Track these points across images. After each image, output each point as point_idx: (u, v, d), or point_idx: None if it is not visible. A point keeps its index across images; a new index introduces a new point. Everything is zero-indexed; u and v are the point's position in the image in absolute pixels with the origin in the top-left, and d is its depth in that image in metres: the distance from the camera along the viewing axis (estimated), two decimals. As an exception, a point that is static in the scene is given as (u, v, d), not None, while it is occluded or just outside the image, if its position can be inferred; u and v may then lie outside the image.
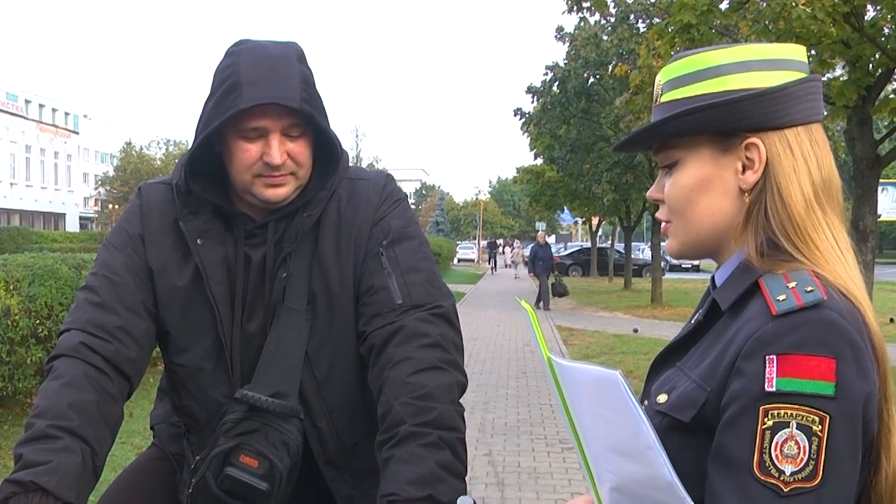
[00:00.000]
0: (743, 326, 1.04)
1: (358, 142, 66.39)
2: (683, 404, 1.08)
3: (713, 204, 1.15)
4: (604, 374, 1.01)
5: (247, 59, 1.56)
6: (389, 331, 1.59)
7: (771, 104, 1.10)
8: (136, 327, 1.63)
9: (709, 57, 1.14)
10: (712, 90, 1.13)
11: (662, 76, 1.19)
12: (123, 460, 5.33)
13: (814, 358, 0.96)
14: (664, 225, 1.23)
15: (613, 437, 1.03)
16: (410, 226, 1.73)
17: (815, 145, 1.12)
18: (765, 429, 0.97)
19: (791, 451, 0.95)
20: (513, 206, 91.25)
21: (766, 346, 0.99)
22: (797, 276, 1.04)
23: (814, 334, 0.97)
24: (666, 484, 0.98)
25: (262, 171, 1.59)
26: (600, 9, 12.94)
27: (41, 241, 32.69)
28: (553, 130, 21.83)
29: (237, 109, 1.52)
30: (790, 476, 0.95)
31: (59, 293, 6.58)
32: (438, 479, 1.40)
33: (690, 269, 41.19)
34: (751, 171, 1.12)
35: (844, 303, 1.02)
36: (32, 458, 1.39)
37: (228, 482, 1.60)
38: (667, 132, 1.17)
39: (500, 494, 5.26)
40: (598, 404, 1.04)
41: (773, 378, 0.97)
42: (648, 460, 0.99)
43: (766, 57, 1.12)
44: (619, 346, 12.46)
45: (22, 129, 52.50)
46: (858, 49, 7.99)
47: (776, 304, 1.01)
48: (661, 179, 1.22)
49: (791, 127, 1.11)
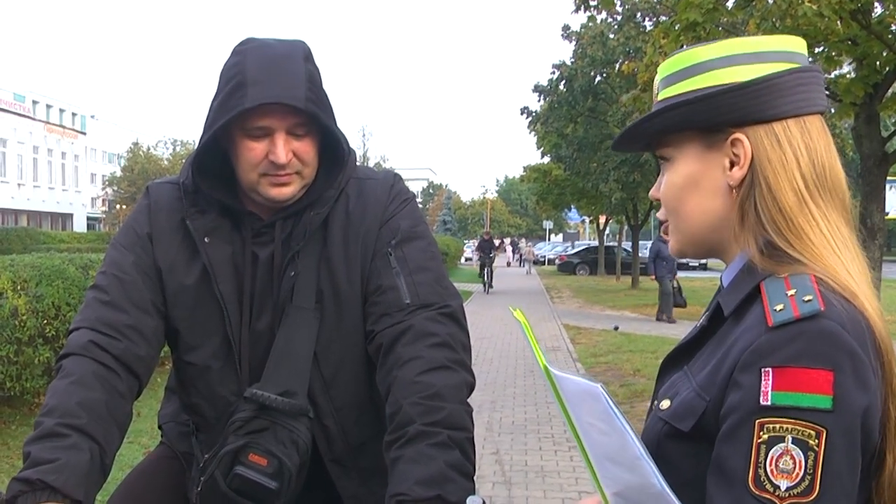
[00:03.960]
0: (742, 335, 1.02)
1: (365, 141, 66.35)
2: (683, 413, 1.07)
3: (703, 202, 1.14)
4: (586, 386, 1.01)
5: (252, 58, 1.56)
6: (398, 330, 1.59)
7: (753, 96, 1.08)
8: (146, 325, 1.63)
9: (697, 53, 1.13)
10: (699, 86, 1.11)
11: (659, 74, 1.19)
12: (131, 460, 5.34)
13: (810, 371, 0.94)
14: (664, 224, 1.22)
15: (606, 446, 1.04)
16: (419, 225, 1.73)
17: (807, 137, 1.08)
18: (760, 443, 0.95)
19: (787, 465, 0.94)
20: (520, 204, 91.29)
21: (761, 359, 0.97)
22: (798, 281, 1.01)
23: (810, 346, 0.95)
24: (657, 492, 0.98)
25: (267, 170, 1.59)
26: (607, 7, 12.88)
27: (49, 242, 32.80)
28: (560, 129, 21.83)
29: (241, 108, 1.52)
30: (785, 491, 0.93)
31: (67, 293, 6.59)
32: (447, 479, 1.40)
33: (697, 267, 41.10)
34: (737, 167, 1.10)
35: (846, 308, 0.99)
36: (40, 456, 1.40)
37: (238, 481, 1.60)
38: (651, 129, 1.16)
39: (507, 493, 5.26)
40: (589, 414, 1.04)
41: (768, 391, 0.95)
42: (638, 470, 0.99)
43: (751, 50, 1.11)
44: (626, 344, 12.43)
45: (29, 129, 52.72)
46: (866, 46, 7.95)
47: (773, 315, 0.98)
48: (660, 178, 1.21)
49: (779, 120, 1.08)
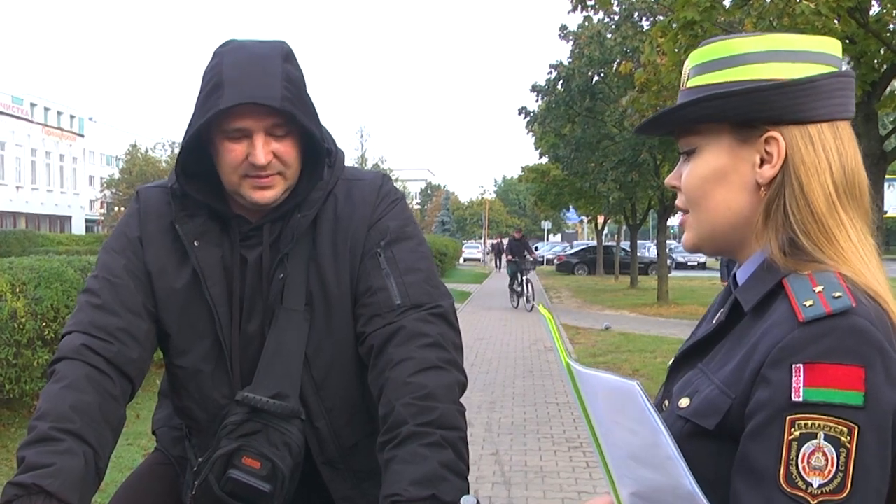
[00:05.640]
0: (768, 331, 1.01)
1: (363, 142, 66.44)
2: (707, 411, 1.05)
3: (728, 196, 1.12)
4: (622, 384, 0.99)
5: (230, 59, 1.56)
6: (389, 331, 1.58)
7: (794, 96, 1.06)
8: (138, 328, 1.63)
9: (736, 44, 1.11)
10: (736, 78, 1.09)
11: (690, 61, 1.16)
12: (131, 462, 5.34)
13: (842, 367, 0.93)
14: (682, 216, 1.20)
15: (632, 446, 1.02)
16: (408, 226, 1.72)
17: (839, 142, 1.08)
18: (791, 440, 0.94)
19: (819, 462, 0.93)
20: (518, 204, 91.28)
21: (792, 355, 0.95)
22: (823, 278, 1.01)
23: (842, 342, 0.94)
24: (687, 494, 0.96)
25: (248, 172, 1.58)
26: (604, 7, 12.91)
27: (47, 244, 32.69)
28: (558, 129, 21.80)
29: (217, 110, 1.52)
30: (818, 489, 0.92)
31: (66, 296, 6.59)
32: (441, 479, 1.40)
33: (696, 266, 41.17)
34: (768, 165, 1.08)
35: (874, 307, 0.99)
36: (35, 460, 1.40)
37: (231, 484, 1.60)
38: (686, 117, 1.14)
39: (506, 493, 5.26)
40: (617, 413, 1.02)
41: (799, 388, 0.94)
42: (668, 470, 0.97)
43: (794, 48, 1.08)
44: (625, 344, 12.44)
45: (27, 132, 52.64)
46: (863, 45, 7.96)
47: (803, 311, 0.97)
48: (680, 166, 1.19)
49: (815, 122, 1.07)
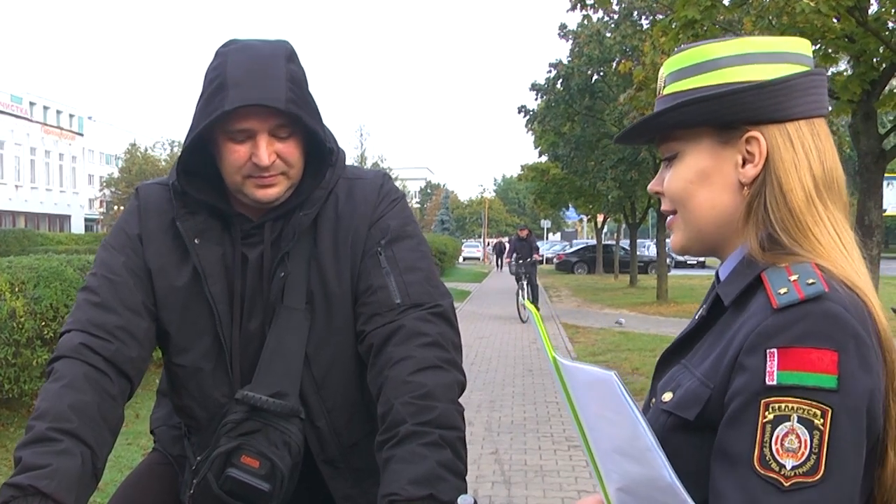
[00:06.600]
0: (746, 322, 1.03)
1: (363, 141, 66.31)
2: (688, 402, 1.07)
3: (713, 197, 1.14)
4: (599, 374, 1.01)
5: (234, 60, 1.56)
6: (389, 330, 1.58)
7: (771, 97, 1.09)
8: (137, 326, 1.63)
9: (710, 49, 1.13)
10: (712, 82, 1.12)
11: (665, 68, 1.19)
12: (130, 461, 5.34)
13: (815, 350, 0.95)
14: (669, 219, 1.22)
15: (616, 438, 1.03)
16: (409, 225, 1.72)
17: (816, 139, 1.11)
18: (765, 422, 0.96)
19: (792, 444, 0.94)
20: (518, 203, 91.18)
21: (766, 340, 0.98)
22: (800, 268, 1.03)
23: (815, 327, 0.96)
24: (666, 485, 0.97)
25: (251, 172, 1.58)
26: (603, 6, 12.90)
27: (46, 244, 32.68)
28: (557, 128, 21.82)
29: (221, 111, 1.52)
30: (791, 470, 0.94)
31: (65, 295, 6.58)
32: (439, 479, 1.40)
33: (696, 265, 41.15)
34: (751, 165, 1.11)
35: (848, 294, 1.01)
36: (32, 461, 1.39)
37: (230, 483, 1.60)
38: (665, 124, 1.16)
39: (506, 493, 5.26)
40: (600, 405, 1.03)
41: (773, 371, 0.96)
42: (648, 462, 0.98)
43: (768, 50, 1.11)
44: (624, 343, 12.44)
45: (27, 131, 52.57)
46: (863, 43, 7.94)
47: (777, 298, 1.00)
48: (662, 172, 1.21)
49: (792, 120, 1.10)
